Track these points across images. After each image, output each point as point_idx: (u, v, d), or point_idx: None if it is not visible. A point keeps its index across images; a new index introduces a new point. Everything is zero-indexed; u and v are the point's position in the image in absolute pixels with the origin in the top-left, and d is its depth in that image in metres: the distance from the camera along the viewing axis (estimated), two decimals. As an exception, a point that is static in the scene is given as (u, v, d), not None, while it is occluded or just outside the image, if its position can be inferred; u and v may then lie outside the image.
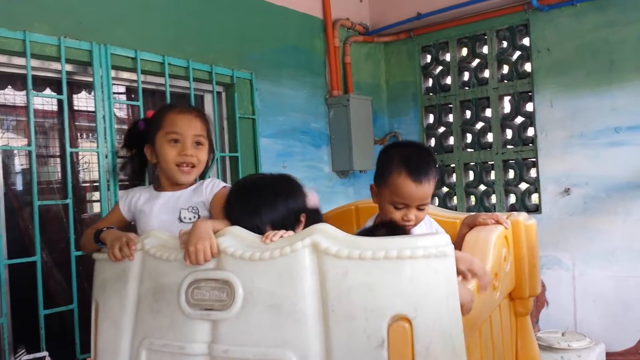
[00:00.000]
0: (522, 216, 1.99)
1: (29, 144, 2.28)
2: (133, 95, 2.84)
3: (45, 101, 2.68)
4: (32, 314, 2.21)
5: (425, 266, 1.27)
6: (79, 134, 2.89)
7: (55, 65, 2.42)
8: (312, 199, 1.70)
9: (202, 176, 1.90)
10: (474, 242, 1.73)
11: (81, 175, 2.94)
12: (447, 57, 3.98)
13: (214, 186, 1.80)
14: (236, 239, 1.41)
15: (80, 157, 2.91)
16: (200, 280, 1.40)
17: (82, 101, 2.85)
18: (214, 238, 1.41)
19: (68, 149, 2.43)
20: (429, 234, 1.40)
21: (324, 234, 1.34)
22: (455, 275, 1.32)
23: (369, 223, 1.88)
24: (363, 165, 3.77)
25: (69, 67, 2.46)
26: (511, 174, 3.76)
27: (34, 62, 2.35)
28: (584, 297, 3.43)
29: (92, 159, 2.76)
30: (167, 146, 1.73)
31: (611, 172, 3.33)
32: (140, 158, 1.87)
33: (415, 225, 1.75)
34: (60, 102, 2.51)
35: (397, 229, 1.68)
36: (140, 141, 1.83)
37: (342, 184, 3.78)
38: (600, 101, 3.36)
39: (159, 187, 1.84)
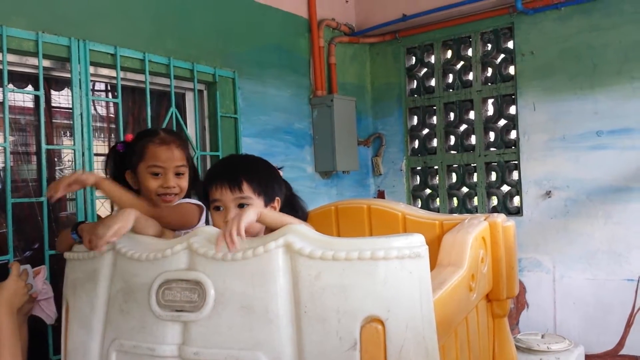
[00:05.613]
0: (500, 217, 1.98)
1: (4, 141, 2.24)
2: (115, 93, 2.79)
3: (27, 97, 2.63)
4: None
5: (398, 267, 1.26)
6: (62, 132, 2.83)
7: (33, 61, 2.38)
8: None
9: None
10: (451, 243, 1.72)
11: (63, 174, 2.88)
12: (432, 59, 3.99)
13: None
14: (208, 239, 1.38)
15: (63, 155, 2.85)
16: (171, 280, 1.37)
17: (64, 98, 2.80)
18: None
19: (44, 146, 2.39)
20: (405, 234, 1.36)
21: (298, 234, 1.32)
22: (429, 275, 1.31)
23: None
24: (346, 166, 3.76)
25: (46, 63, 2.42)
26: (493, 176, 3.77)
27: (11, 57, 2.30)
28: (564, 299, 3.44)
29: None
30: (150, 178, 1.79)
31: (592, 175, 3.35)
32: (124, 182, 1.86)
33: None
34: (37, 99, 2.47)
35: None
36: (122, 164, 1.85)
37: (325, 184, 3.76)
38: (583, 105, 3.38)
39: None
